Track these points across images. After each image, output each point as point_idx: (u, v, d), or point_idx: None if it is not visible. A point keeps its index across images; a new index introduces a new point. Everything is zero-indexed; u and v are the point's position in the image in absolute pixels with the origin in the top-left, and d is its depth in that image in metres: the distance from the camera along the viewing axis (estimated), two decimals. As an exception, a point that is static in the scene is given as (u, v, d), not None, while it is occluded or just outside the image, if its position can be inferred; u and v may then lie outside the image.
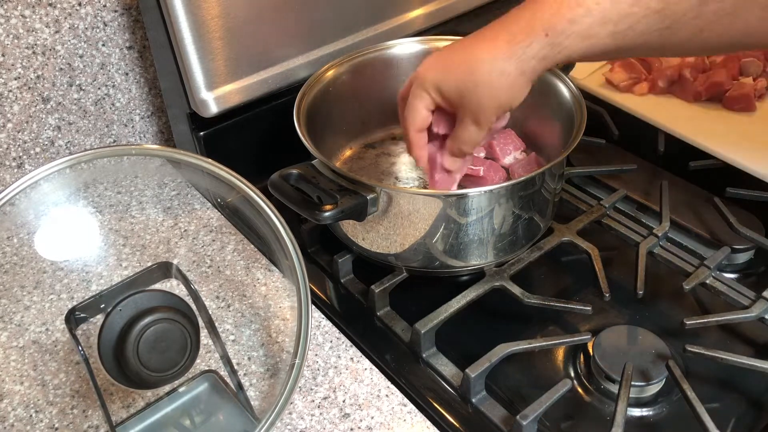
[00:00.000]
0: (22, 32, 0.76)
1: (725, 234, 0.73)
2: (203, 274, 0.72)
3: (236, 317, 0.68)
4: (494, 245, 0.66)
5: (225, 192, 0.77)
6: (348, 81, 0.79)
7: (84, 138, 0.85)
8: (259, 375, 0.62)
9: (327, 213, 0.59)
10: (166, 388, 0.56)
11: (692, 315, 0.65)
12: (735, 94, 0.87)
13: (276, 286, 0.71)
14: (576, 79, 0.88)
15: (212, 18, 0.73)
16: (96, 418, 0.58)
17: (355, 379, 0.61)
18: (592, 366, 0.62)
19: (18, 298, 0.69)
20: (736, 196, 0.77)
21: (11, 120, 0.79)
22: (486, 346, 0.61)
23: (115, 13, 0.81)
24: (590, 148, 0.85)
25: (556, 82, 0.75)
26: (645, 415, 0.59)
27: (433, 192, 0.67)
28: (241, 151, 0.82)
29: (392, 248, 0.67)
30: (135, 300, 0.49)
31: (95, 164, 0.75)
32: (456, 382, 0.61)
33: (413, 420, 0.58)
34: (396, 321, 0.68)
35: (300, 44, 0.81)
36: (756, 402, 0.61)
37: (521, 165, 0.77)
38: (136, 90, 0.87)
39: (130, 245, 0.75)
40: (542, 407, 0.56)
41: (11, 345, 0.65)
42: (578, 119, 0.69)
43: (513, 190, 0.64)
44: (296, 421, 0.58)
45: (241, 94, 0.78)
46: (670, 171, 0.83)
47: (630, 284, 0.69)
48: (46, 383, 0.61)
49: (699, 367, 0.62)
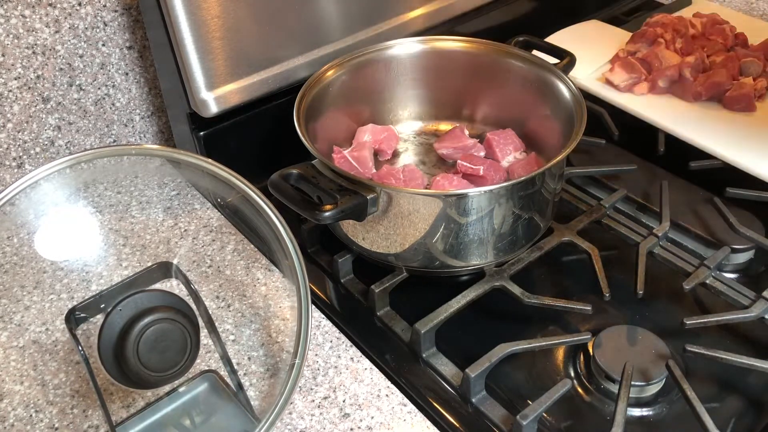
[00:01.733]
0: (22, 32, 0.76)
1: (725, 234, 0.73)
2: (203, 274, 0.72)
3: (236, 317, 0.68)
4: (494, 245, 0.66)
5: (225, 192, 0.77)
6: (348, 81, 0.79)
7: (84, 138, 0.85)
8: (259, 375, 0.62)
9: (327, 213, 0.59)
10: (166, 388, 0.56)
11: (692, 315, 0.65)
12: (735, 94, 0.87)
13: (276, 286, 0.71)
14: (576, 79, 0.89)
15: (212, 18, 0.73)
16: (96, 418, 0.59)
17: (355, 379, 0.61)
18: (592, 366, 0.62)
19: (18, 298, 0.69)
20: (736, 196, 0.77)
21: (11, 120, 0.79)
22: (486, 346, 0.61)
23: (115, 13, 0.81)
24: (590, 148, 0.85)
25: (556, 82, 0.75)
26: (645, 415, 0.59)
27: (433, 192, 0.67)
28: (241, 151, 0.82)
29: (392, 248, 0.67)
30: (135, 300, 0.49)
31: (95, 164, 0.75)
32: (456, 382, 0.61)
33: (413, 420, 0.58)
34: (396, 321, 0.68)
35: (300, 44, 0.81)
36: (756, 402, 0.61)
37: (521, 165, 0.77)
38: (136, 90, 0.87)
39: (130, 245, 0.75)
40: (542, 407, 0.56)
41: (11, 345, 0.65)
42: (578, 119, 0.69)
43: (513, 190, 0.64)
44: (296, 421, 0.58)
45: (241, 94, 0.78)
46: (670, 171, 0.83)
47: (630, 284, 0.69)
48: (46, 383, 0.61)
49: (699, 367, 0.62)
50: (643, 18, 1.04)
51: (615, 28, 1.07)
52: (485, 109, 0.85)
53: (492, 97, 0.84)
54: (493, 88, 0.82)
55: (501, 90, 0.82)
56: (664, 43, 0.94)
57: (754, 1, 1.20)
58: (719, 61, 0.91)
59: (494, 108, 0.84)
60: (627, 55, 0.95)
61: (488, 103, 0.84)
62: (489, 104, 0.84)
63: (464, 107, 0.86)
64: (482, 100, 0.84)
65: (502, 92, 0.82)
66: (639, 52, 0.95)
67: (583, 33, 1.05)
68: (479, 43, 0.82)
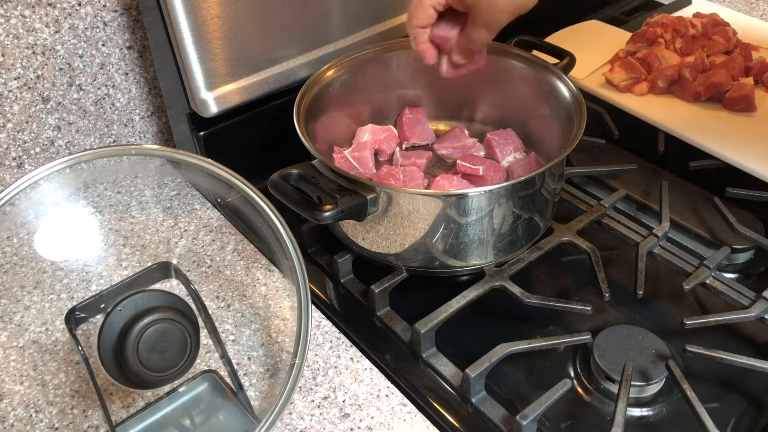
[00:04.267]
0: (22, 32, 0.76)
1: (725, 234, 0.73)
2: (203, 274, 0.72)
3: (236, 317, 0.68)
4: (494, 245, 0.66)
5: (225, 192, 0.77)
6: (348, 81, 0.79)
7: (84, 138, 0.85)
8: (259, 375, 0.62)
9: (327, 213, 0.59)
10: (166, 388, 0.56)
11: (692, 315, 0.65)
12: (735, 95, 0.87)
13: (276, 286, 0.71)
14: (576, 79, 0.89)
15: (212, 18, 0.73)
16: (96, 418, 0.59)
17: (355, 379, 0.61)
18: (592, 366, 0.62)
19: (18, 298, 0.69)
20: (736, 196, 0.77)
21: (11, 120, 0.79)
22: (486, 346, 0.61)
23: (115, 13, 0.81)
24: (590, 148, 0.85)
25: (556, 82, 0.75)
26: (645, 415, 0.59)
27: (433, 192, 0.67)
28: (241, 151, 0.82)
29: (392, 248, 0.67)
30: (135, 300, 0.49)
31: (95, 164, 0.75)
32: (456, 382, 0.61)
33: (413, 420, 0.58)
34: (396, 321, 0.68)
35: (300, 44, 0.81)
36: (756, 402, 0.61)
37: (521, 165, 0.77)
38: (136, 90, 0.87)
39: (130, 245, 0.75)
40: (542, 407, 0.56)
41: (11, 345, 0.65)
42: (578, 119, 0.69)
43: (513, 190, 0.64)
44: (296, 421, 0.58)
45: (241, 94, 0.78)
46: (670, 171, 0.83)
47: (630, 284, 0.69)
48: (46, 383, 0.61)
49: (699, 367, 0.62)
50: (643, 18, 1.04)
51: (615, 28, 1.07)
52: (485, 109, 0.85)
53: (492, 97, 0.84)
54: (493, 88, 0.82)
55: (501, 90, 0.82)
56: (664, 43, 0.94)
57: (754, 1, 1.20)
58: (719, 61, 0.91)
59: (494, 108, 0.84)
60: (627, 55, 0.95)
61: (488, 103, 0.84)
62: (489, 104, 0.84)
63: (464, 107, 0.86)
64: (482, 100, 0.84)
65: (502, 92, 0.82)
66: (639, 52, 0.95)
67: (583, 33, 1.05)
68: (479, 43, 0.82)
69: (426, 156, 0.79)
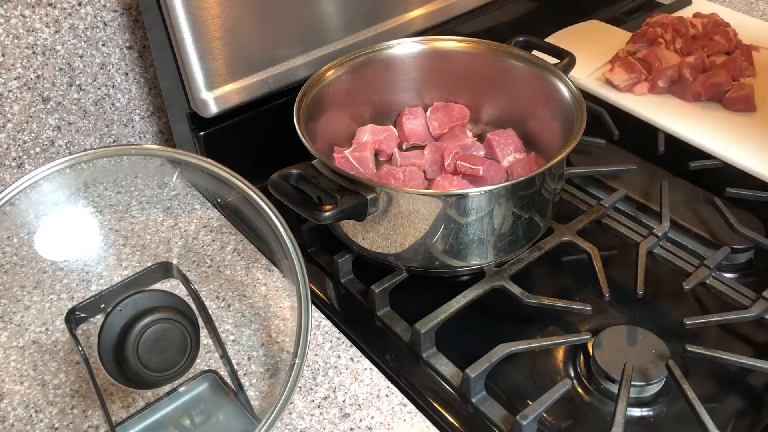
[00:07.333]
0: (22, 32, 0.76)
1: (725, 234, 0.73)
2: (203, 274, 0.72)
3: (236, 317, 0.68)
4: (494, 245, 0.66)
5: (225, 192, 0.77)
6: (348, 81, 0.79)
7: (84, 138, 0.85)
8: (259, 375, 0.62)
9: (327, 213, 0.59)
10: (166, 388, 0.56)
11: (692, 315, 0.65)
12: (735, 95, 0.87)
13: (276, 286, 0.71)
14: (576, 79, 0.89)
15: (212, 18, 0.73)
16: (96, 418, 0.59)
17: (355, 379, 0.61)
18: (592, 366, 0.62)
19: (18, 298, 0.69)
20: (736, 196, 0.77)
21: (11, 120, 0.79)
22: (486, 346, 0.61)
23: (115, 13, 0.81)
24: (590, 148, 0.85)
25: (556, 82, 0.75)
26: (645, 415, 0.59)
27: (433, 192, 0.67)
28: (241, 151, 0.82)
29: (392, 248, 0.67)
30: (135, 300, 0.49)
31: (95, 164, 0.75)
32: (456, 382, 0.61)
33: (413, 420, 0.58)
34: (396, 321, 0.68)
35: (300, 44, 0.81)
36: (756, 402, 0.61)
37: (521, 165, 0.77)
38: (136, 90, 0.87)
39: (130, 245, 0.75)
40: (542, 407, 0.56)
41: (11, 345, 0.65)
42: (578, 119, 0.69)
43: (513, 190, 0.64)
44: (296, 421, 0.58)
45: (241, 94, 0.78)
46: (670, 171, 0.83)
47: (630, 284, 0.69)
48: (46, 383, 0.61)
49: (699, 367, 0.62)
50: (643, 18, 1.04)
51: (615, 28, 1.07)
52: (485, 109, 0.85)
53: (492, 97, 0.84)
54: (493, 88, 0.82)
55: (501, 90, 0.82)
56: (664, 43, 0.94)
57: (754, 1, 1.20)
58: (719, 62, 0.91)
59: (494, 108, 0.84)
60: (627, 55, 0.95)
61: (488, 103, 0.84)
62: (489, 104, 0.84)
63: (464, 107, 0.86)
64: (482, 100, 0.84)
65: (502, 92, 0.82)
66: (639, 52, 0.95)
67: (583, 33, 1.05)
68: (479, 43, 0.82)
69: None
